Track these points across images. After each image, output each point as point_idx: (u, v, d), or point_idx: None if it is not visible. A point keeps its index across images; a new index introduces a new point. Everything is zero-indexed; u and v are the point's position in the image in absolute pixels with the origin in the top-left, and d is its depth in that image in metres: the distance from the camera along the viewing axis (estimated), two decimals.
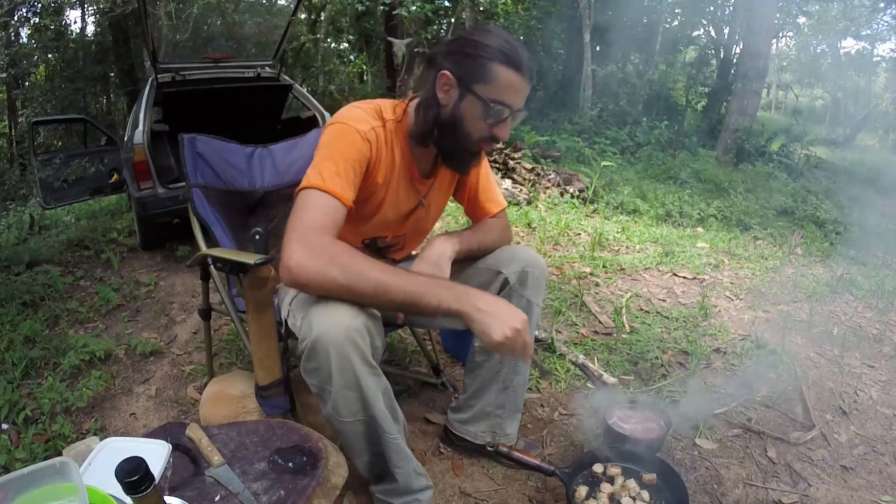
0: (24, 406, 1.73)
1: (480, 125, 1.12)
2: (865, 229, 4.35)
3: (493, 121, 1.11)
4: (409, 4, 7.42)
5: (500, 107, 1.09)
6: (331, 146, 1.11)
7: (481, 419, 1.45)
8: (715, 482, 1.43)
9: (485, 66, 1.07)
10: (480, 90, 1.08)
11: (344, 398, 1.05)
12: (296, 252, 0.99)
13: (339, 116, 1.15)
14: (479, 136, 1.14)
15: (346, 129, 1.12)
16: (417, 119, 1.18)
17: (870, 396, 1.86)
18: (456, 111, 1.11)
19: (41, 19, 9.17)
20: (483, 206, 1.41)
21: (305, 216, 1.03)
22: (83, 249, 3.38)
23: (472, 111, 1.10)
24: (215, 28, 5.61)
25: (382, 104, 1.21)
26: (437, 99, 1.13)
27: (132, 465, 0.65)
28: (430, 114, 1.14)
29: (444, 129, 1.14)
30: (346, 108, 1.19)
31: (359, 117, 1.14)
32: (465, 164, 1.25)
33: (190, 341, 2.24)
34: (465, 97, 1.10)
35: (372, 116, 1.17)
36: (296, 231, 1.01)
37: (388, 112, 1.20)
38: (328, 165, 1.08)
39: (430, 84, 1.14)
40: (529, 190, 4.57)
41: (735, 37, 10.06)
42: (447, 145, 1.17)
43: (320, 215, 1.04)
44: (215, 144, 1.66)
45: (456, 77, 1.09)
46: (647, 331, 2.23)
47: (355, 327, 1.01)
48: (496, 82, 1.08)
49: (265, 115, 3.99)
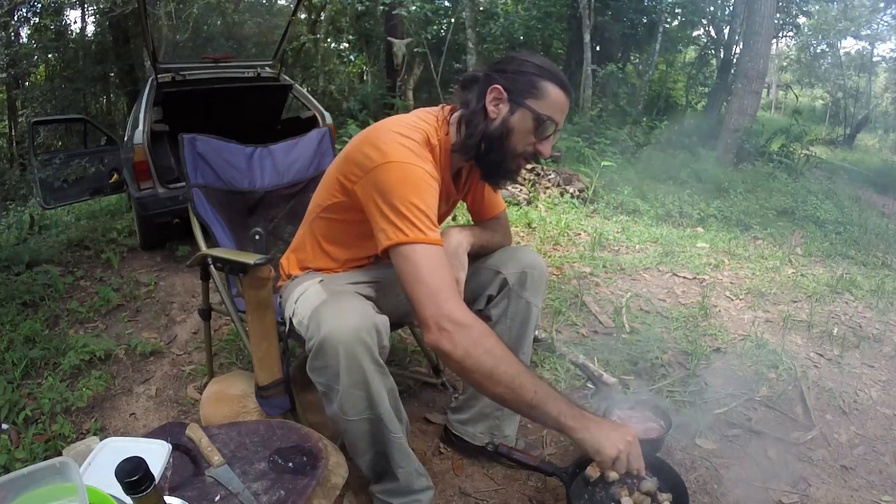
0: (24, 406, 1.73)
1: (527, 139, 1.14)
2: (865, 229, 4.35)
3: (540, 135, 1.13)
4: (409, 4, 7.42)
5: (549, 122, 1.12)
6: (410, 192, 1.05)
7: (481, 419, 1.45)
8: (715, 482, 1.43)
9: (538, 83, 1.11)
10: (533, 104, 1.11)
11: (351, 397, 1.05)
12: (447, 331, 0.99)
13: (400, 154, 1.07)
14: (522, 151, 1.15)
15: (417, 174, 1.07)
16: (461, 133, 1.18)
17: (870, 396, 1.86)
18: (506, 124, 1.13)
19: (41, 19, 9.16)
20: (488, 206, 1.43)
21: (430, 280, 1.01)
22: (83, 249, 3.38)
23: (522, 125, 1.12)
24: (215, 28, 5.62)
25: (426, 128, 1.17)
26: (485, 113, 1.14)
27: (132, 465, 0.65)
28: (477, 128, 1.14)
29: (491, 142, 1.14)
30: (394, 138, 1.11)
31: (419, 155, 1.10)
32: (504, 180, 1.25)
33: (190, 341, 2.24)
34: (515, 111, 1.12)
35: (424, 148, 1.14)
36: (431, 301, 1.00)
37: (433, 135, 1.18)
38: (417, 215, 1.04)
39: (478, 98, 1.15)
40: (529, 190, 4.57)
41: (735, 37, 10.05)
42: (490, 159, 1.17)
43: (444, 274, 1.03)
44: (215, 144, 1.66)
45: (507, 91, 1.12)
46: (647, 331, 2.23)
47: (364, 327, 1.02)
48: (547, 99, 1.11)
49: (265, 115, 3.99)
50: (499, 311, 1.35)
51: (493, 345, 1.01)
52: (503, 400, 1.03)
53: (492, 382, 1.00)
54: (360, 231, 1.24)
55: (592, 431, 1.01)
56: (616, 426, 1.05)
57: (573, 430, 1.01)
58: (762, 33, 6.51)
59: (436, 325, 1.00)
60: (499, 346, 1.02)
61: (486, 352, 0.99)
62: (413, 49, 8.00)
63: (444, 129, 1.20)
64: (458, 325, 0.99)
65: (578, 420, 1.02)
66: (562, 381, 1.87)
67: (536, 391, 1.01)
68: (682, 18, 10.70)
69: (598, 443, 1.00)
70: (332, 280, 1.29)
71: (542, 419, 1.03)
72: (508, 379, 1.00)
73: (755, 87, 6.73)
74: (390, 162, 1.06)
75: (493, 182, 1.27)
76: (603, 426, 1.03)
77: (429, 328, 1.01)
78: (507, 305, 1.34)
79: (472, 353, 0.99)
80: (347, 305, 1.05)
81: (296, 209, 1.76)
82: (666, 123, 7.99)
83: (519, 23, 8.43)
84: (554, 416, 1.01)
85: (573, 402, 1.04)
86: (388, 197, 1.05)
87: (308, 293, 1.22)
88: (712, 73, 10.97)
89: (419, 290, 1.01)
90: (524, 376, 1.01)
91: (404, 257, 1.03)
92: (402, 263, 1.04)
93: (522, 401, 1.01)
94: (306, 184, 1.81)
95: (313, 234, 1.34)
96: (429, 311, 1.00)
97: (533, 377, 1.02)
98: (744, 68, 6.68)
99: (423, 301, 1.01)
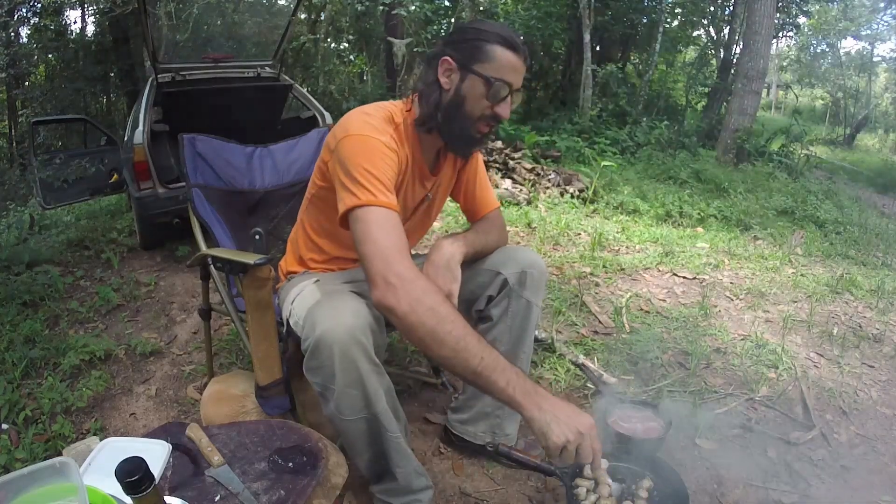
0: (24, 406, 1.73)
1: (482, 104, 1.14)
2: (865, 229, 4.35)
3: (494, 98, 1.14)
4: (408, 4, 7.43)
5: (500, 83, 1.12)
6: (364, 160, 1.08)
7: (481, 419, 1.45)
8: (715, 482, 1.43)
9: (483, 47, 1.12)
10: (481, 69, 1.12)
11: (347, 396, 1.05)
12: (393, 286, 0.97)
13: (358, 128, 1.12)
14: (480, 115, 1.16)
15: (373, 143, 1.10)
16: (421, 106, 1.20)
17: (870, 396, 1.86)
18: (458, 92, 1.14)
19: (41, 19, 9.15)
20: (481, 204, 1.42)
21: (380, 238, 1.01)
22: (83, 249, 3.38)
23: (474, 90, 1.13)
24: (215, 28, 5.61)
25: (391, 108, 1.22)
26: (438, 84, 1.16)
27: (132, 465, 0.65)
28: (432, 98, 1.16)
29: (447, 111, 1.16)
30: (357, 116, 1.16)
31: (377, 127, 1.13)
32: (469, 148, 1.27)
33: (190, 341, 2.24)
34: (466, 78, 1.13)
35: (386, 123, 1.17)
36: (379, 257, 1.00)
37: (398, 114, 1.21)
38: (370, 179, 1.06)
39: (432, 71, 1.17)
40: (529, 190, 4.57)
41: (735, 37, 10.05)
42: (451, 128, 1.18)
43: (394, 235, 1.03)
44: (215, 144, 1.66)
45: (456, 60, 1.14)
46: (647, 331, 2.23)
47: (359, 326, 1.01)
48: (495, 61, 1.12)
49: (265, 115, 3.98)
50: (499, 311, 1.35)
51: (439, 303, 0.98)
52: (448, 364, 0.99)
53: (435, 342, 0.96)
54: None
55: (543, 411, 0.94)
56: (572, 412, 0.96)
57: (521, 407, 0.95)
58: (762, 33, 6.52)
59: (383, 280, 0.98)
60: (445, 304, 0.98)
61: (429, 309, 0.96)
62: (413, 49, 8.00)
63: (409, 107, 1.22)
64: (403, 280, 0.97)
65: (529, 396, 0.95)
66: (562, 381, 1.88)
67: (483, 357, 0.96)
68: (682, 18, 10.69)
69: (547, 426, 0.93)
70: (327, 280, 1.29)
71: (488, 389, 0.97)
72: (453, 340, 0.95)
73: (755, 87, 6.73)
74: (349, 136, 1.11)
75: (460, 151, 1.28)
76: (557, 408, 0.95)
77: (375, 284, 0.99)
78: (508, 305, 1.34)
79: (415, 308, 0.96)
80: (342, 305, 1.05)
81: (296, 209, 1.75)
82: (666, 123, 7.98)
83: (519, 23, 8.42)
84: (501, 386, 0.95)
85: (527, 378, 0.99)
86: (345, 166, 1.08)
87: (303, 293, 1.22)
88: (712, 73, 10.96)
89: (368, 248, 1.01)
90: (470, 339, 0.96)
91: (356, 218, 1.04)
92: (354, 225, 1.05)
93: (467, 366, 0.96)
94: (306, 184, 1.80)
95: (303, 227, 1.37)
96: (375, 266, 0.99)
97: (481, 343, 0.98)
98: (744, 68, 6.68)
99: (370, 258, 1.00)
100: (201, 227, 1.59)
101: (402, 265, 0.99)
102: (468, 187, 1.41)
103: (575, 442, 0.93)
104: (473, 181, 1.41)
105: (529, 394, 0.96)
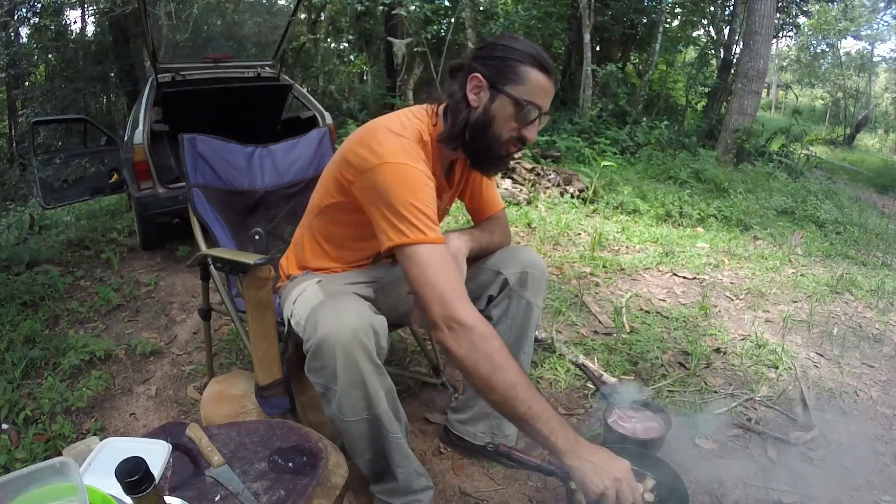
0: (24, 406, 1.73)
1: (510, 126, 1.13)
2: (865, 229, 4.35)
3: (522, 120, 1.12)
4: (408, 4, 7.42)
5: (531, 107, 1.10)
6: (407, 193, 1.05)
7: (481, 419, 1.46)
8: (715, 482, 1.43)
9: (516, 67, 1.09)
10: (513, 90, 1.10)
11: (349, 397, 1.05)
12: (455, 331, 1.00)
13: (393, 154, 1.07)
14: (508, 137, 1.14)
15: (414, 174, 1.07)
16: (447, 123, 1.17)
17: (870, 396, 1.86)
18: (487, 112, 1.12)
19: (41, 19, 9.16)
20: (487, 205, 1.42)
21: (439, 281, 1.02)
22: (83, 249, 3.38)
23: (503, 111, 1.11)
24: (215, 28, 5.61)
25: (419, 125, 1.17)
26: (467, 101, 1.14)
27: (132, 465, 0.65)
28: (459, 116, 1.14)
29: (474, 130, 1.14)
30: (390, 139, 1.10)
31: (412, 154, 1.09)
32: (494, 167, 1.25)
33: (190, 341, 2.24)
34: (496, 98, 1.11)
35: (418, 146, 1.13)
36: (439, 302, 1.01)
37: (426, 131, 1.18)
38: (417, 215, 1.04)
39: (460, 87, 1.14)
40: (529, 190, 4.57)
41: (735, 37, 10.04)
42: (477, 147, 1.16)
43: (451, 275, 1.04)
44: (215, 144, 1.66)
45: (487, 79, 1.11)
46: (647, 331, 2.23)
47: (362, 327, 1.02)
48: (527, 84, 1.10)
49: (265, 115, 3.99)
50: (500, 312, 1.35)
51: (494, 350, 1.00)
52: (497, 408, 1.03)
53: (488, 388, 1.00)
54: (358, 232, 1.24)
55: (582, 461, 0.97)
56: (609, 459, 0.99)
57: (563, 454, 0.99)
58: (762, 33, 6.51)
59: (444, 324, 1.01)
60: (500, 352, 1.01)
61: (484, 356, 0.99)
62: (413, 49, 8.00)
63: (434, 121, 1.20)
64: (464, 327, 1.00)
65: (570, 444, 0.99)
66: (562, 381, 1.88)
67: (530, 406, 0.99)
68: (682, 18, 10.69)
69: (585, 475, 0.96)
70: (329, 280, 1.29)
71: (532, 435, 1.01)
72: (504, 388, 0.99)
73: (755, 87, 6.73)
74: (385, 163, 1.06)
75: (483, 169, 1.27)
76: (595, 457, 0.98)
77: (438, 327, 1.02)
78: (508, 305, 1.34)
79: (471, 355, 0.99)
80: (345, 306, 1.06)
81: (296, 209, 1.76)
82: (666, 123, 7.97)
83: (519, 23, 8.42)
84: (545, 434, 0.99)
85: (569, 426, 1.01)
86: (386, 199, 1.05)
87: (306, 294, 1.22)
88: (712, 73, 10.95)
89: (427, 291, 1.02)
90: (521, 388, 0.99)
91: (408, 258, 1.04)
92: (407, 264, 1.05)
93: (514, 413, 1.00)
94: (306, 184, 1.82)
95: (311, 233, 1.34)
96: (436, 310, 1.02)
97: (530, 391, 1.00)
98: (744, 68, 6.68)
99: (431, 301, 1.02)
100: (201, 227, 1.59)
101: (462, 309, 1.01)
102: (474, 187, 1.41)
103: (613, 488, 0.96)
104: (480, 181, 1.40)
105: (570, 443, 0.99)
